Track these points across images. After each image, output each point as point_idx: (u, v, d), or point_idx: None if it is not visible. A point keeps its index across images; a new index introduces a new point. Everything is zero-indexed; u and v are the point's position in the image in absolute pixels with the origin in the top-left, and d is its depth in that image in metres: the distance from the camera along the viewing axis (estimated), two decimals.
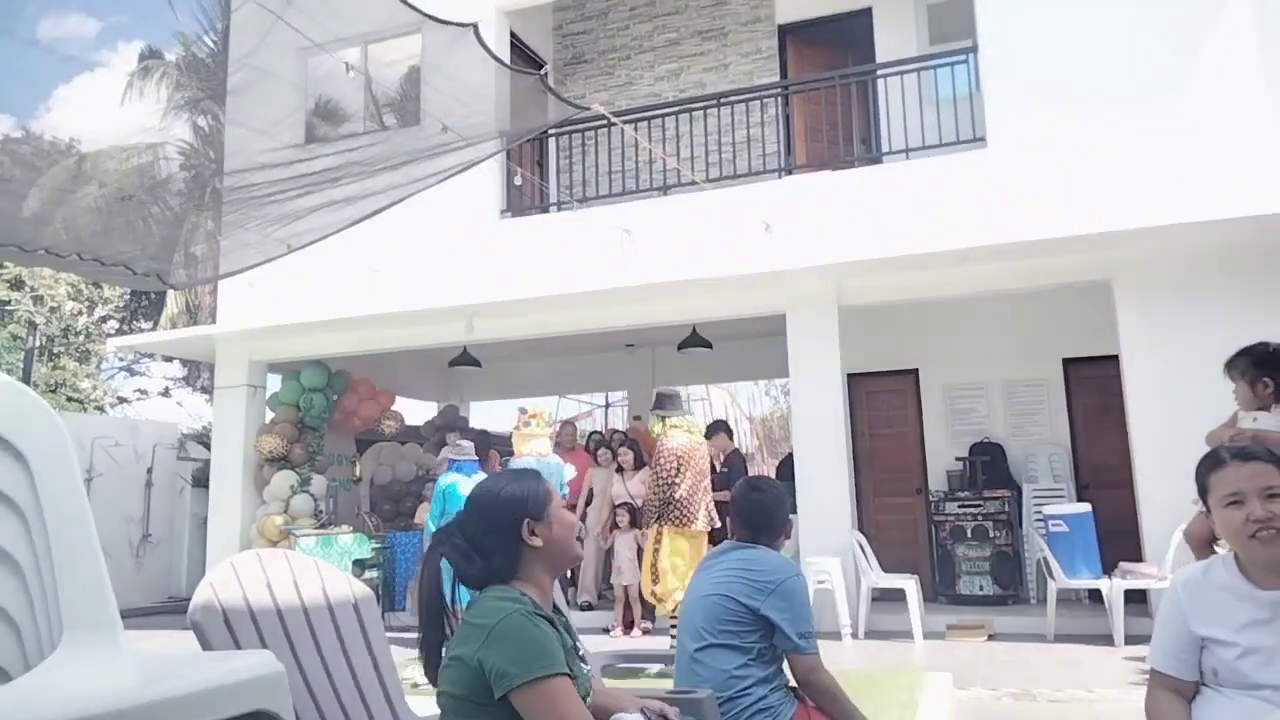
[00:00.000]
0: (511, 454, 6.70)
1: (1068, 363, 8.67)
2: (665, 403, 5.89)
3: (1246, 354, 3.09)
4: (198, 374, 18.93)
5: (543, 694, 1.63)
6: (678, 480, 5.57)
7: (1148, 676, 2.10)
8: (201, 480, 10.95)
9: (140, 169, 7.37)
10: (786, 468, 10.00)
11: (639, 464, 7.81)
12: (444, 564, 1.82)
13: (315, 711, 1.84)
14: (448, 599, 1.81)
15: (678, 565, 5.57)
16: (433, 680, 1.77)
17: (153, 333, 14.69)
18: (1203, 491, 2.08)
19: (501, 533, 1.81)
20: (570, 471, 7.13)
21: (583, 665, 1.87)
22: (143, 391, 20.90)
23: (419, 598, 1.84)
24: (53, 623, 1.19)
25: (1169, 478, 6.34)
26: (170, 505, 11.53)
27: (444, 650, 1.76)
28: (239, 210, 6.78)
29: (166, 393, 20.70)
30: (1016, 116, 7.33)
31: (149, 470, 11.33)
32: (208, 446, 10.77)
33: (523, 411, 6.69)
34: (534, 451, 6.36)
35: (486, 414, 16.74)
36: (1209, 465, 2.06)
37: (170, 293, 15.26)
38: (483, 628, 1.68)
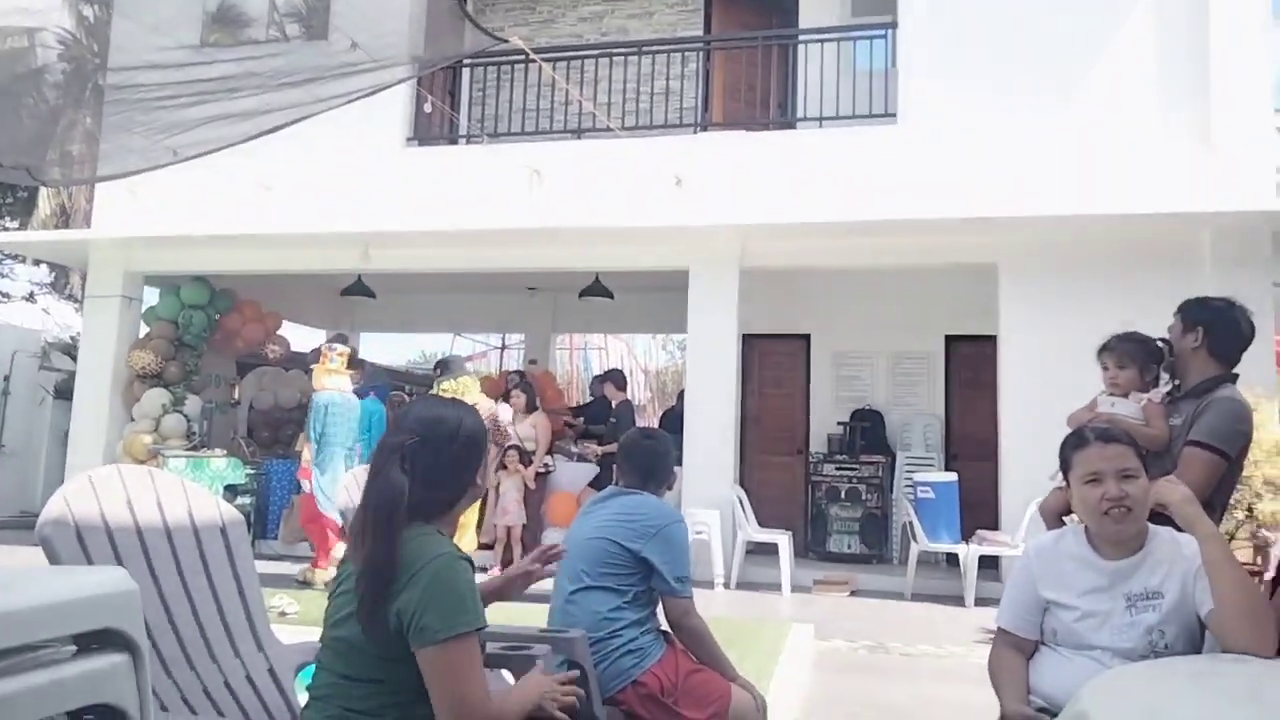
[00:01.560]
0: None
1: (950, 339, 9.06)
2: (444, 368, 6.89)
3: (1139, 342, 3.23)
4: (66, 281, 17.77)
5: (457, 652, 1.57)
6: None
7: (994, 635, 2.25)
8: (65, 393, 10.34)
9: (13, 54, 6.79)
10: (670, 419, 10.17)
11: (530, 407, 7.80)
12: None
13: (173, 634, 1.79)
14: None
15: None
16: (368, 619, 1.60)
17: (19, 232, 13.68)
18: (1064, 467, 2.22)
19: (458, 467, 1.73)
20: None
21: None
22: (5, 295, 19.51)
23: (363, 515, 1.68)
24: None
25: (1030, 454, 6.74)
26: (29, 416, 10.88)
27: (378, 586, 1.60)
28: (123, 112, 6.34)
29: (31, 298, 19.37)
30: (926, 96, 7.51)
31: (6, 378, 10.65)
32: (74, 358, 10.17)
33: (332, 347, 6.81)
34: (335, 387, 6.60)
35: (377, 346, 16.34)
36: (1073, 444, 2.19)
37: (43, 192, 14.21)
38: (408, 570, 1.59)
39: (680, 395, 11.36)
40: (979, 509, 7.42)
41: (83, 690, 1.02)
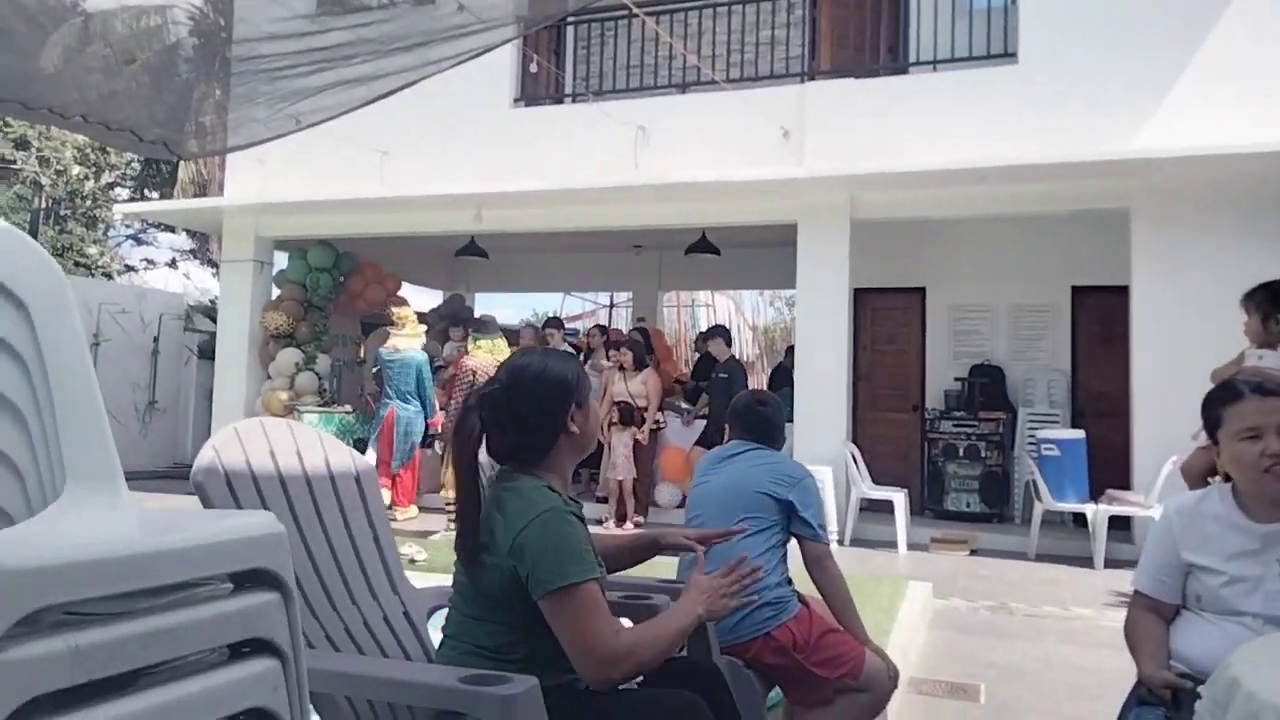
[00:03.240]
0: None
1: (1076, 290, 8.61)
2: (480, 326, 7.40)
3: (1266, 288, 3.06)
4: (206, 247, 18.84)
5: (574, 599, 1.61)
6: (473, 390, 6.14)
7: (1128, 598, 2.15)
8: (207, 352, 11.03)
9: (148, 32, 7.14)
10: (780, 375, 10.06)
11: (639, 365, 7.84)
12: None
13: (316, 577, 1.88)
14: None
15: None
16: (463, 553, 1.72)
17: (160, 201, 14.56)
18: (1212, 424, 2.08)
19: (547, 413, 1.76)
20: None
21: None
22: (150, 261, 20.88)
23: (451, 458, 1.78)
24: (55, 471, 1.20)
25: (1166, 410, 6.39)
26: (176, 375, 11.65)
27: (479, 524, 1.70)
28: (248, 83, 6.61)
29: (174, 264, 20.67)
30: (1050, 33, 7.07)
31: (155, 339, 11.41)
32: (214, 320, 10.81)
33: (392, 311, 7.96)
34: (405, 346, 7.59)
35: (492, 305, 16.72)
36: (1224, 398, 2.05)
37: (183, 163, 15.04)
38: (518, 521, 1.65)
39: (789, 351, 11.24)
40: (1108, 468, 7.08)
41: (240, 625, 1.09)
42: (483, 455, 1.77)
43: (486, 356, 6.94)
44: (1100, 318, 8.37)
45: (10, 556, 0.84)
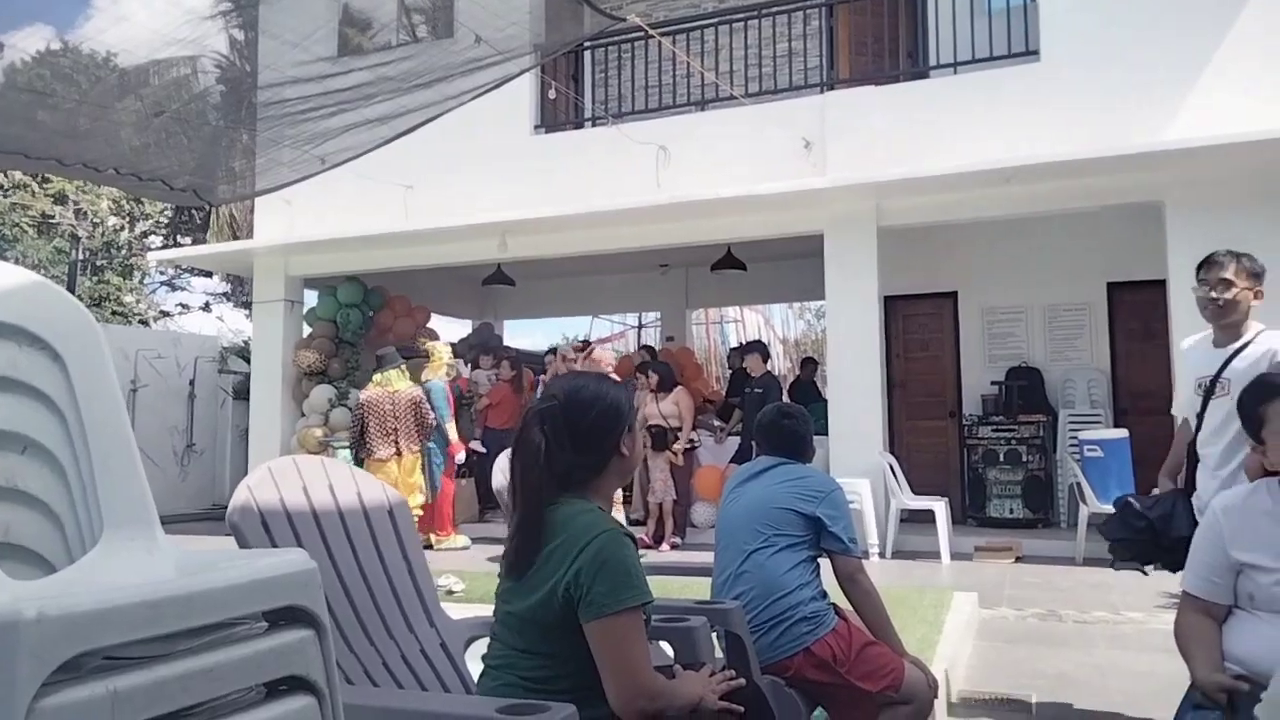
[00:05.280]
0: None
1: (1112, 286, 8.47)
2: (377, 362, 7.76)
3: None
4: (241, 289, 19.20)
5: (625, 624, 1.60)
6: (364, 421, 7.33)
7: (1178, 599, 2.10)
8: (242, 393, 11.19)
9: (178, 82, 7.32)
10: (800, 390, 9.99)
11: (665, 385, 7.80)
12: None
13: (351, 611, 1.89)
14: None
15: None
16: (524, 571, 1.69)
17: (191, 247, 14.86)
18: (1255, 424, 2.03)
19: (602, 433, 1.76)
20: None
21: None
22: (184, 306, 21.29)
23: (511, 479, 1.77)
24: (93, 518, 1.22)
25: None
26: (213, 416, 11.83)
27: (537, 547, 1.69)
28: (274, 128, 6.75)
29: (207, 307, 21.06)
30: (1071, 27, 7.00)
31: (191, 382, 11.60)
32: (248, 360, 10.98)
33: (442, 345, 8.36)
34: (431, 378, 7.83)
35: (520, 332, 16.81)
36: (1261, 396, 2.00)
37: (216, 207, 15.36)
38: (575, 543, 1.64)
39: (805, 363, 11.17)
40: (1155, 467, 6.85)
41: (275, 663, 1.09)
42: (500, 480, 1.78)
43: (376, 389, 7.42)
44: (1139, 313, 8.22)
45: (48, 605, 0.85)
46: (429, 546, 7.26)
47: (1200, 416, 3.05)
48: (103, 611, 0.90)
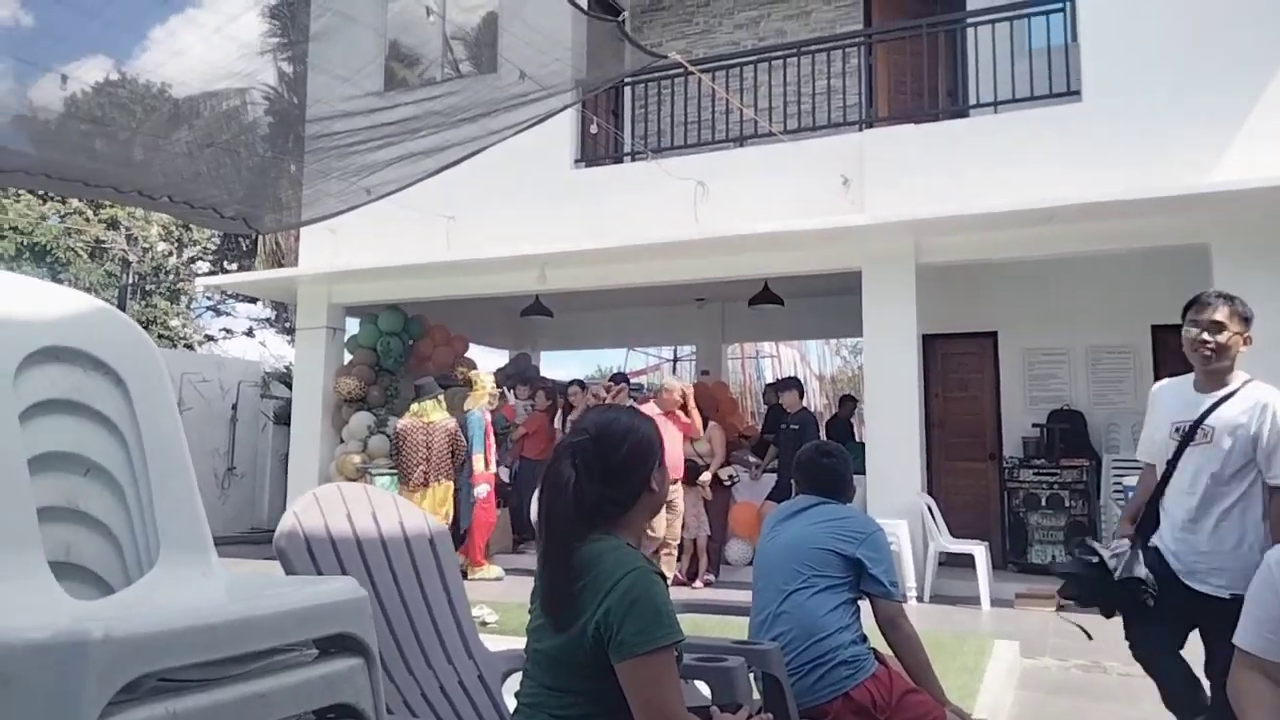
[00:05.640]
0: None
1: (1156, 329, 8.32)
2: (416, 391, 7.84)
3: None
4: (284, 315, 19.55)
5: (657, 663, 1.58)
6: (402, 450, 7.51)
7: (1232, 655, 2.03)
8: (283, 418, 11.35)
9: (228, 114, 7.53)
10: (837, 427, 9.89)
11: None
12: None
13: (392, 640, 1.90)
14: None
15: None
16: (554, 610, 1.66)
17: (238, 274, 15.18)
18: None
19: (634, 468, 1.75)
20: None
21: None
22: (229, 331, 21.70)
23: (540, 512, 1.74)
24: (150, 541, 1.24)
25: None
26: (254, 441, 11.99)
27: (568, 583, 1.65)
28: (322, 160, 6.90)
29: (250, 333, 21.45)
30: (1114, 68, 6.97)
31: (234, 406, 11.79)
32: (289, 386, 11.14)
33: (482, 375, 8.37)
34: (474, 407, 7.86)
35: (557, 362, 16.89)
36: None
37: (262, 235, 15.71)
38: (604, 581, 1.61)
39: (844, 401, 11.06)
40: None
41: (325, 691, 1.10)
42: (535, 511, 1.76)
43: (412, 419, 7.59)
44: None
45: (114, 626, 0.87)
46: (463, 576, 7.27)
47: (1172, 463, 2.92)
48: (164, 634, 0.91)
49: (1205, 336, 2.86)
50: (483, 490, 7.76)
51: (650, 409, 6.71)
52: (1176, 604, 2.89)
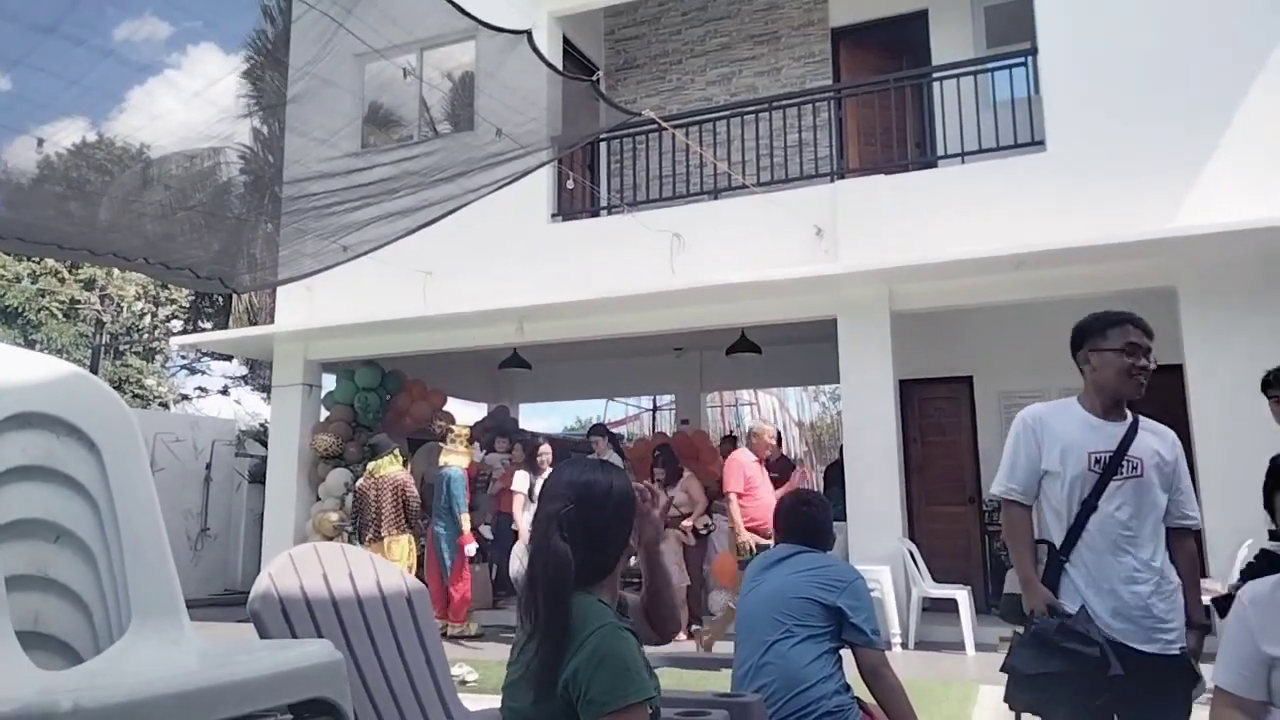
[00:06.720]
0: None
1: None
2: (371, 449, 8.11)
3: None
4: (259, 373, 19.41)
5: None
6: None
7: (1210, 695, 2.04)
8: (258, 477, 11.20)
9: (203, 173, 7.56)
10: (835, 472, 9.89)
11: (673, 477, 7.76)
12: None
13: (368, 701, 1.87)
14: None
15: None
16: (540, 685, 1.61)
17: (213, 332, 15.09)
18: (1273, 510, 2.01)
19: (617, 528, 1.73)
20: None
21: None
22: (203, 389, 21.50)
23: (532, 586, 1.67)
24: (122, 607, 1.23)
25: (1234, 491, 6.14)
26: (228, 500, 11.81)
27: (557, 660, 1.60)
28: (298, 221, 6.92)
29: (225, 391, 21.25)
30: (1077, 119, 7.18)
31: (208, 466, 11.63)
32: (264, 444, 11.02)
33: (450, 427, 8.28)
34: (449, 462, 7.81)
35: (536, 414, 16.83)
36: None
37: (238, 295, 15.66)
38: (571, 642, 1.59)
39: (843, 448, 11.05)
40: None
41: None
42: (517, 568, 1.74)
43: (366, 479, 7.76)
44: (1155, 398, 8.12)
45: (83, 697, 0.86)
46: (442, 634, 7.16)
47: (1089, 501, 2.54)
48: (134, 703, 0.90)
49: (1144, 364, 2.63)
50: (471, 549, 7.70)
51: (743, 456, 6.66)
52: (1100, 688, 2.34)
